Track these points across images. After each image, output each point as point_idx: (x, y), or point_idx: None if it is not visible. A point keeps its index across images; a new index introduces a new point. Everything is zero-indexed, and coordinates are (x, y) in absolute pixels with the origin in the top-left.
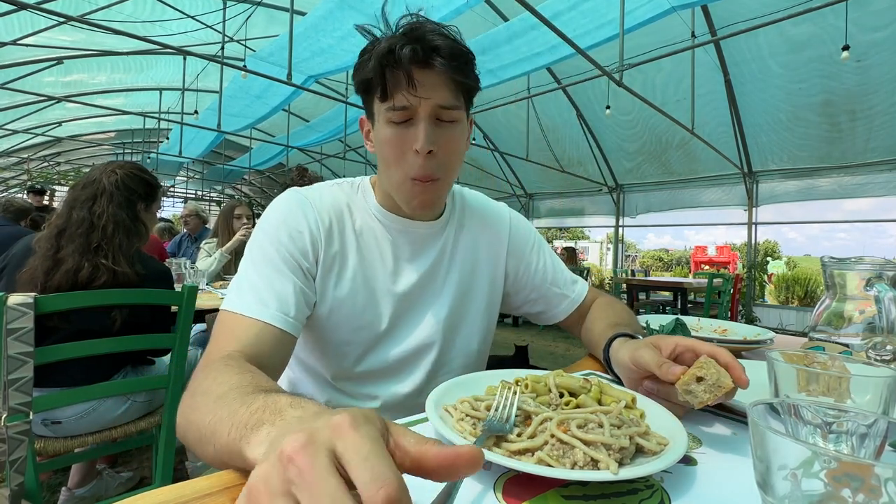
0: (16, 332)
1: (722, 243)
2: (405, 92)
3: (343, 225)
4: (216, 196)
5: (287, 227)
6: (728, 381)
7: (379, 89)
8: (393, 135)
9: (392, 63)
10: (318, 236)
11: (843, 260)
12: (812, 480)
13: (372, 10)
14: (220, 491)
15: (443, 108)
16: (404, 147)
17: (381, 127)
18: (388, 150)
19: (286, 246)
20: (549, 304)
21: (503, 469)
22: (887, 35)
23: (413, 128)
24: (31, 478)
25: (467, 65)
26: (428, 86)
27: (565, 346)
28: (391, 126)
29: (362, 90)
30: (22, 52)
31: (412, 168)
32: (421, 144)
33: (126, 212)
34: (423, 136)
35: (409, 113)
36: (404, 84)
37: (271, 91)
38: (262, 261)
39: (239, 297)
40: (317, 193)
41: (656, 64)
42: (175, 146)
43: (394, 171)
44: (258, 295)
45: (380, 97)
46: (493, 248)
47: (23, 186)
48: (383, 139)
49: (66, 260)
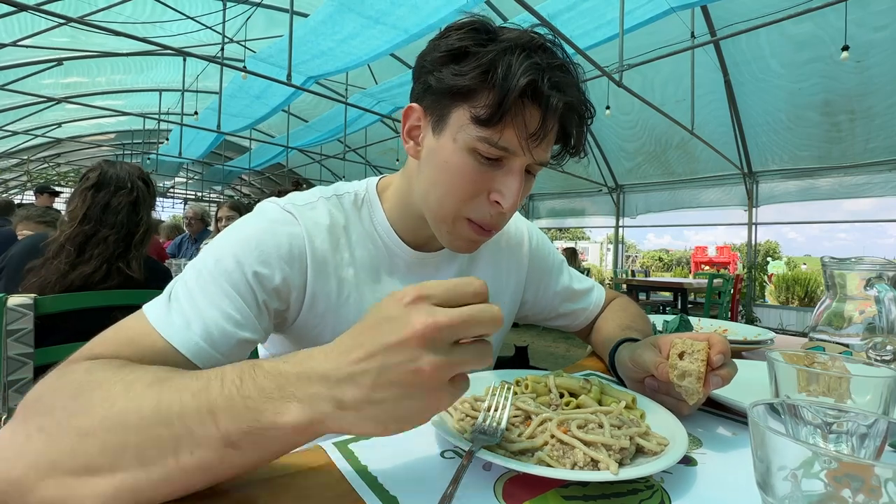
0: (15, 334)
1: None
2: (519, 137)
3: (339, 254)
4: (215, 197)
5: (261, 252)
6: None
7: (487, 110)
8: (473, 169)
9: (529, 97)
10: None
11: (843, 260)
12: (812, 481)
13: (372, 13)
14: (221, 491)
15: (540, 164)
16: (480, 189)
17: (454, 149)
18: (454, 182)
19: (250, 275)
20: (568, 319)
21: (503, 469)
22: (887, 35)
23: (500, 172)
24: None
25: (587, 125)
26: (547, 140)
27: (565, 346)
28: (473, 157)
29: (446, 89)
30: (22, 54)
31: (478, 214)
32: (511, 203)
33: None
34: (515, 193)
35: (506, 156)
36: (529, 129)
37: (271, 91)
38: (211, 279)
39: (164, 306)
40: (308, 210)
41: (656, 64)
42: (175, 147)
43: (448, 204)
44: (190, 316)
45: (480, 119)
46: (511, 275)
47: (23, 188)
48: (455, 167)
49: (86, 263)
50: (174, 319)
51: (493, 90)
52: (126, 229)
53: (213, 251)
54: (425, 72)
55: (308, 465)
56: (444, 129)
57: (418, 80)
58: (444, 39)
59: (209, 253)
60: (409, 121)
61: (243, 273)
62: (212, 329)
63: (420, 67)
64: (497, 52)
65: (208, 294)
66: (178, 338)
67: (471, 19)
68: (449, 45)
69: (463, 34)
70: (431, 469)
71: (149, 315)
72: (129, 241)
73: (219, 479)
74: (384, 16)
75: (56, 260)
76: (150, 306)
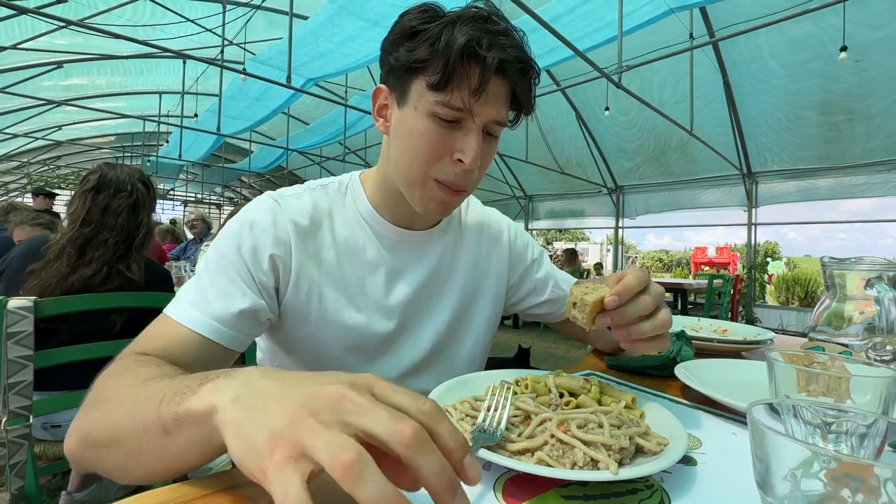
0: (15, 336)
1: (722, 244)
2: (469, 95)
3: (321, 236)
4: (215, 199)
5: (252, 235)
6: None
7: (437, 77)
8: (434, 132)
9: (468, 57)
10: (286, 249)
11: (842, 260)
12: (812, 480)
13: (371, 16)
14: (221, 491)
15: (496, 122)
16: (443, 150)
17: (415, 116)
18: (419, 145)
19: (245, 255)
20: (556, 305)
21: (503, 469)
22: (886, 35)
23: (460, 133)
24: (30, 482)
25: (533, 83)
26: (493, 96)
27: (566, 347)
28: (433, 121)
29: (403, 66)
30: (22, 56)
31: (444, 173)
32: (471, 158)
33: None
34: (474, 150)
35: (462, 115)
36: (472, 86)
37: (270, 94)
38: (215, 266)
39: (178, 301)
40: (294, 199)
41: (655, 65)
42: (175, 149)
43: (416, 168)
44: (199, 302)
45: (432, 85)
46: (495, 259)
47: (23, 190)
48: (418, 131)
49: (86, 265)
50: (189, 309)
51: (439, 58)
52: (126, 232)
53: (216, 243)
54: (386, 53)
55: None
56: (407, 100)
57: (383, 63)
58: (398, 24)
59: (213, 245)
60: (378, 100)
61: (240, 255)
62: (220, 308)
63: (383, 51)
64: (442, 25)
65: (214, 281)
66: (195, 322)
67: (422, 3)
68: (402, 27)
69: (413, 16)
70: None
71: (169, 312)
72: (130, 243)
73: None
74: (383, 18)
75: (56, 262)
76: (171, 304)
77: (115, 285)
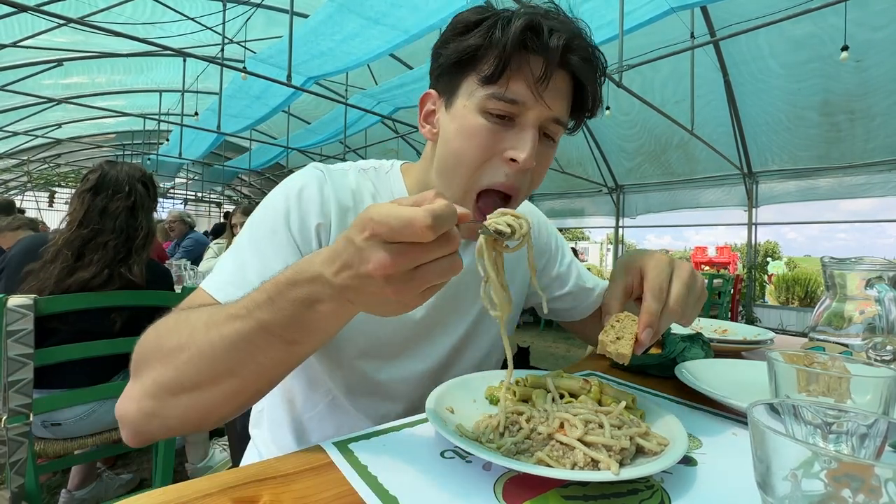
0: (16, 334)
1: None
2: (527, 86)
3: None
4: (215, 197)
5: (300, 205)
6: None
7: (490, 66)
8: (486, 129)
9: (528, 45)
10: (328, 221)
11: (843, 260)
12: (812, 481)
13: (372, 14)
14: (221, 491)
15: (556, 121)
16: (495, 149)
17: (465, 113)
18: (466, 147)
19: (293, 226)
20: (577, 300)
21: (503, 469)
22: (887, 35)
23: (514, 130)
24: (31, 479)
25: (600, 79)
26: (554, 91)
27: (565, 346)
28: (485, 117)
29: (454, 59)
30: (22, 54)
31: (495, 177)
32: (526, 155)
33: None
34: (529, 146)
35: (517, 111)
36: (531, 76)
37: (271, 92)
38: (258, 236)
39: (217, 275)
40: (340, 175)
41: (656, 64)
42: (175, 148)
43: (462, 173)
44: (236, 277)
45: (485, 77)
46: (516, 259)
47: (23, 188)
48: (467, 129)
49: (85, 268)
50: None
51: (494, 47)
52: (126, 234)
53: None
54: (436, 55)
55: (308, 464)
56: (456, 99)
57: (432, 68)
58: (450, 23)
59: (257, 214)
60: (426, 105)
61: (288, 226)
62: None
63: (434, 55)
64: (498, 18)
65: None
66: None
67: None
68: (454, 24)
69: (467, 13)
70: (431, 469)
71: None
72: (130, 245)
73: (291, 368)
74: (384, 16)
75: (52, 265)
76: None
77: (116, 287)
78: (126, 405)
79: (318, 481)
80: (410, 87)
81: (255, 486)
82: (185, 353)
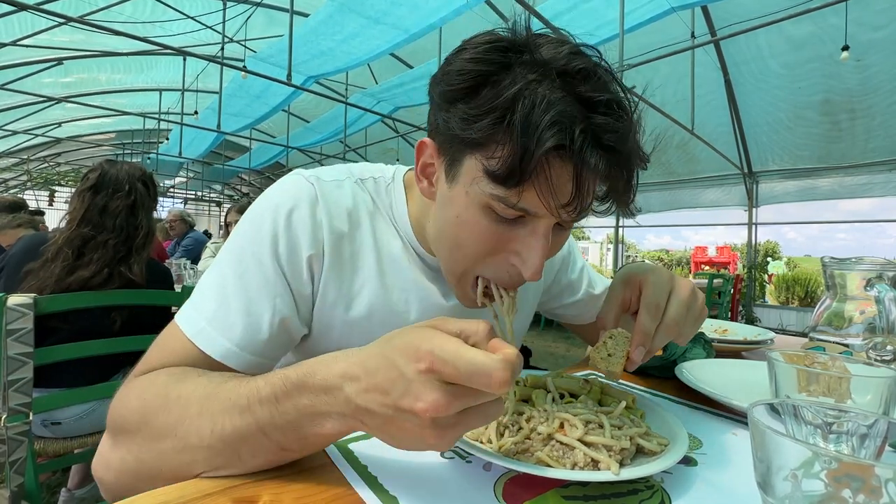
0: (15, 333)
1: (722, 244)
2: (546, 201)
3: (361, 239)
4: (215, 196)
5: (289, 231)
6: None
7: (503, 167)
8: (488, 228)
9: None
10: (320, 249)
11: (843, 260)
12: (812, 481)
13: (372, 13)
14: (221, 491)
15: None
16: (497, 247)
17: (465, 203)
18: (465, 240)
19: (282, 258)
20: (586, 307)
21: (503, 469)
22: (887, 35)
23: (524, 232)
24: (30, 479)
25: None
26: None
27: (565, 346)
28: (488, 215)
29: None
30: (22, 53)
31: (495, 273)
32: (532, 271)
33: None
34: (538, 258)
35: (528, 217)
36: (552, 193)
37: (271, 91)
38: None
39: (195, 312)
40: (334, 188)
41: (656, 64)
42: (175, 147)
43: (459, 260)
44: (219, 319)
45: (493, 174)
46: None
47: (22, 187)
48: (467, 223)
49: (85, 267)
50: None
51: (510, 142)
52: (126, 233)
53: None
54: (434, 104)
55: (308, 465)
56: (457, 177)
57: (430, 116)
58: (454, 61)
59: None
60: (423, 157)
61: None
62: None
63: (430, 94)
64: (518, 87)
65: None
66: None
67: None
68: (459, 70)
69: (476, 53)
70: (431, 469)
71: (183, 326)
72: (130, 244)
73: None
74: (384, 16)
75: (53, 263)
76: (183, 313)
77: (116, 286)
78: (103, 472)
79: (318, 481)
80: (410, 86)
81: (254, 485)
82: (171, 442)
